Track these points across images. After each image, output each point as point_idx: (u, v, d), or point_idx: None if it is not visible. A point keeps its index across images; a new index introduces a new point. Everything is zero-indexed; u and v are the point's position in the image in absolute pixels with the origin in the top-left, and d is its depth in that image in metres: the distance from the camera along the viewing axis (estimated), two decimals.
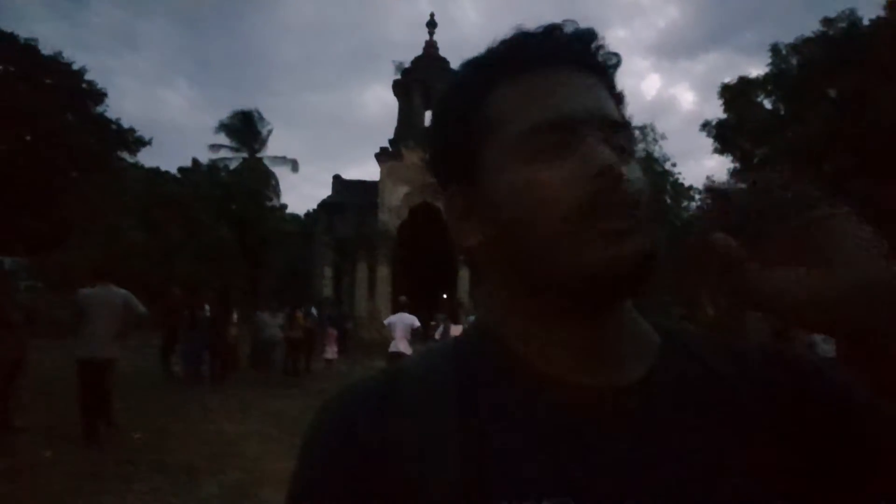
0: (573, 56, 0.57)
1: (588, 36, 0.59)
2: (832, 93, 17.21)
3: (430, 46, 25.50)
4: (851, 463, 0.53)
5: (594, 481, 0.50)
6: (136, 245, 19.62)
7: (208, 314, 12.63)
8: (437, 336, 9.86)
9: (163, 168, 33.38)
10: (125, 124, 24.02)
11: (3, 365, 6.38)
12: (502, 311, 0.60)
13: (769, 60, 19.46)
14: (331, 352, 14.49)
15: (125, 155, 24.64)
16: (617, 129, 0.55)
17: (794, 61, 18.54)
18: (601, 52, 0.59)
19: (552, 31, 0.58)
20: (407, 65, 25.67)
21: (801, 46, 18.52)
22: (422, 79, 24.38)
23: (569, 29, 0.58)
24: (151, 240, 20.91)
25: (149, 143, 24.91)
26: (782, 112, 19.17)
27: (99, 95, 22.15)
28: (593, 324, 0.55)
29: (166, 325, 12.35)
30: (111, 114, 24.19)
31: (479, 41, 0.61)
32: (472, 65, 0.60)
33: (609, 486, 0.50)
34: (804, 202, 0.49)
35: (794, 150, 17.66)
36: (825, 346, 11.06)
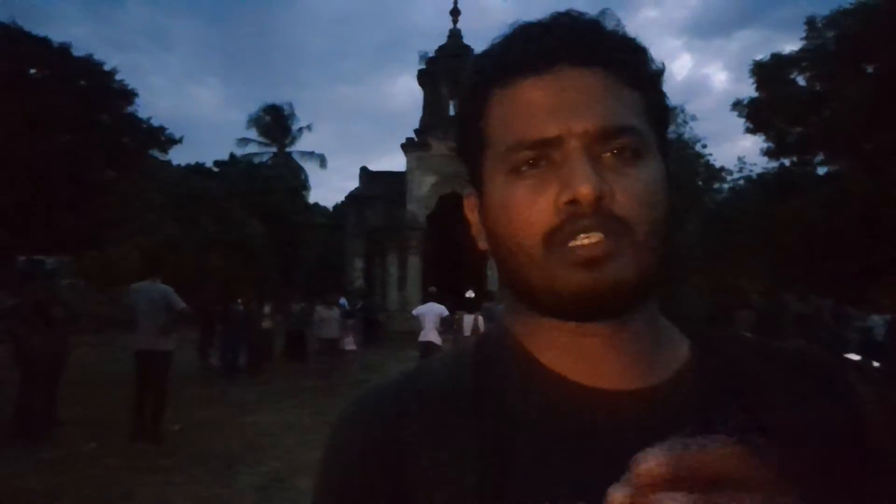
0: (573, 54, 0.53)
1: (590, 29, 0.54)
2: (870, 68, 16.66)
3: (454, 35, 25.35)
4: (871, 486, 0.52)
5: (606, 487, 0.49)
6: (171, 241, 20.01)
7: (242, 307, 12.85)
8: (465, 331, 9.85)
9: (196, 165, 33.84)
10: (157, 123, 24.42)
11: (47, 361, 6.60)
12: (518, 314, 0.59)
13: (804, 35, 18.93)
14: (349, 343, 14.61)
15: (157, 153, 25.06)
16: (614, 136, 0.51)
17: (830, 35, 17.98)
18: (607, 43, 0.54)
19: (551, 27, 0.54)
20: (431, 54, 25.61)
21: (838, 18, 17.93)
22: (446, 68, 24.24)
23: (569, 22, 0.54)
24: (186, 235, 21.30)
25: (179, 141, 25.25)
26: (818, 89, 18.63)
27: (129, 95, 22.52)
28: (602, 331, 0.54)
29: (202, 319, 12.60)
30: (144, 113, 24.65)
31: (504, 25, 0.58)
32: (475, 67, 0.58)
33: None
34: None
35: (831, 129, 17.17)
36: (882, 330, 10.81)
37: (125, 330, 12.87)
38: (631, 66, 0.54)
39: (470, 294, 10.95)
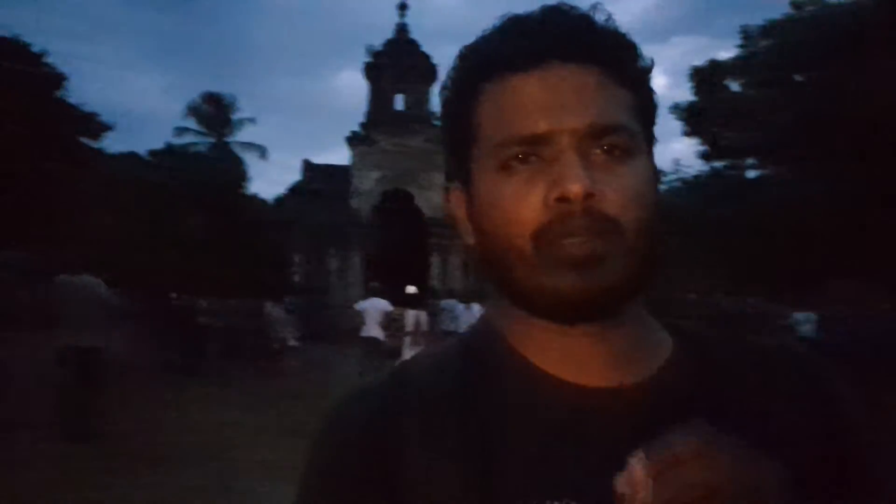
0: (564, 50, 0.52)
1: (581, 25, 0.53)
2: (800, 77, 17.48)
3: (402, 29, 25.24)
4: (850, 481, 0.54)
5: (596, 483, 0.48)
6: (103, 233, 19.19)
7: (177, 303, 12.47)
8: (407, 327, 9.83)
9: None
10: (92, 109, 23.34)
11: None
12: (504, 311, 0.58)
13: (739, 43, 19.68)
14: (290, 339, 14.43)
15: (87, 140, 23.93)
16: (604, 134, 0.51)
17: (763, 44, 18.75)
18: (599, 40, 0.53)
19: (542, 22, 0.53)
20: (378, 47, 25.42)
21: (772, 29, 18.72)
22: (393, 62, 24.13)
23: (560, 18, 0.53)
24: (120, 228, 20.46)
25: (111, 127, 24.21)
26: (751, 95, 19.42)
27: (58, 79, 21.45)
28: (591, 330, 0.53)
29: (136, 314, 12.16)
30: (77, 99, 23.44)
31: (451, 24, 0.55)
32: (464, 60, 0.57)
33: (611, 489, 0.48)
34: None
35: (763, 134, 17.92)
36: (805, 327, 11.41)
37: (51, 326, 12.32)
38: (621, 63, 0.54)
39: (411, 290, 10.90)
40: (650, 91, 0.57)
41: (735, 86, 20.34)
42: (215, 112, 35.44)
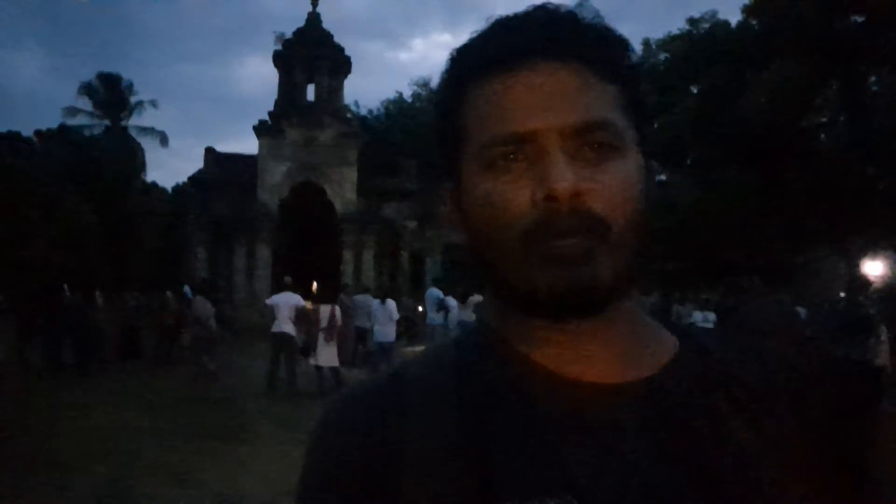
0: (550, 48, 0.52)
1: (566, 22, 0.54)
2: (695, 88, 18.60)
3: (313, 19, 24.64)
4: (852, 483, 0.54)
5: (596, 480, 0.49)
6: None
7: (69, 299, 11.65)
8: (322, 323, 9.63)
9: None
10: None
11: None
12: (500, 309, 0.59)
13: (640, 54, 20.67)
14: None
15: None
16: (590, 131, 0.51)
17: (662, 56, 19.81)
18: (584, 37, 0.54)
19: (528, 21, 0.54)
20: (289, 36, 24.70)
21: (669, 43, 19.81)
22: (304, 52, 23.46)
23: (545, 16, 0.54)
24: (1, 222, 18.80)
25: None
26: (652, 101, 20.50)
27: None
28: (581, 327, 0.54)
29: (21, 312, 11.27)
30: None
31: (364, 16, 0.56)
32: (453, 61, 0.58)
33: (611, 485, 0.49)
34: None
35: (661, 140, 18.91)
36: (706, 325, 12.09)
37: None
38: (608, 59, 0.54)
39: (287, 280, 10.60)
40: (639, 87, 0.57)
41: None
42: (110, 93, 33.34)
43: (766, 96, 14.11)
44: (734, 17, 17.71)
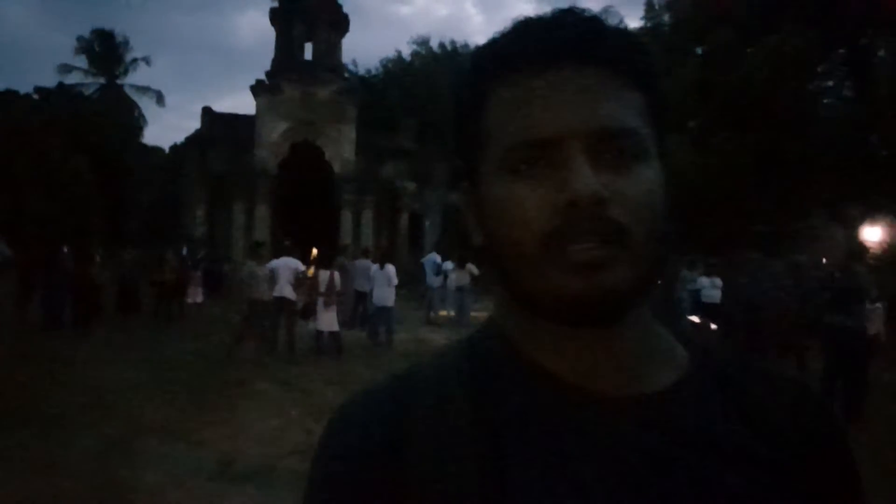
0: (575, 52, 0.52)
1: (591, 27, 0.53)
2: (700, 49, 18.29)
3: None
4: None
5: (605, 491, 0.50)
6: None
7: (67, 256, 11.66)
8: (320, 287, 9.66)
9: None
10: None
11: None
12: (511, 312, 0.59)
13: (643, 15, 20.27)
14: (195, 295, 13.92)
15: None
16: (614, 138, 0.51)
17: (666, 17, 19.43)
18: (609, 42, 0.53)
19: (554, 24, 0.54)
20: None
21: (673, 4, 19.41)
22: (301, 8, 22.99)
23: (571, 20, 0.54)
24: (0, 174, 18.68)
25: None
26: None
27: None
28: (596, 335, 0.54)
29: (19, 268, 11.29)
30: None
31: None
32: (475, 62, 0.57)
33: (619, 496, 0.50)
34: None
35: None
36: (712, 292, 12.14)
37: None
38: (633, 66, 0.54)
39: (287, 243, 10.55)
40: (661, 93, 0.56)
41: None
42: (105, 51, 32.80)
43: (769, 61, 13.93)
44: None
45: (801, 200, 15.08)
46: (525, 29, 0.55)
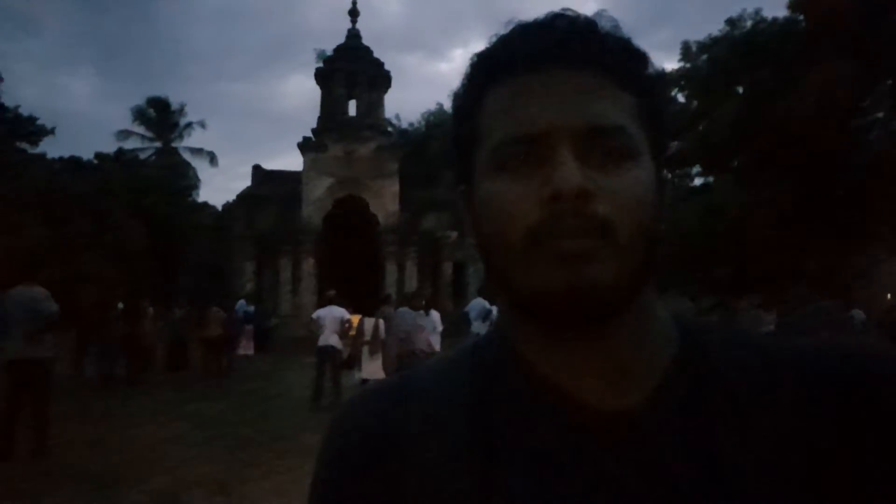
0: (567, 54, 0.52)
1: (586, 30, 0.54)
2: (740, 89, 18.15)
3: (353, 35, 25.05)
4: None
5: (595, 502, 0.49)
6: (39, 242, 18.35)
7: (120, 313, 12.04)
8: (365, 335, 9.71)
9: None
10: (25, 114, 22.41)
11: None
12: (511, 316, 0.58)
13: (680, 57, 20.32)
14: (246, 348, 14.15)
15: (25, 146, 22.96)
16: (602, 136, 0.50)
17: (703, 58, 19.42)
18: (602, 45, 0.53)
19: (548, 27, 0.54)
20: (329, 53, 25.18)
21: (710, 46, 19.42)
22: (345, 68, 23.87)
23: (564, 23, 0.54)
24: (56, 236, 19.60)
25: (51, 131, 23.31)
26: (694, 106, 20.05)
27: None
28: (587, 337, 0.52)
29: (77, 325, 11.69)
30: (8, 101, 22.47)
31: (402, 30, 0.56)
32: (472, 65, 0.58)
33: None
34: None
35: (705, 144, 18.51)
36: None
37: None
38: (625, 68, 0.53)
39: (331, 293, 10.62)
40: (657, 98, 0.56)
41: (680, 97, 20.99)
42: (160, 116, 34.53)
43: (813, 96, 13.74)
44: (780, 12, 17.28)
45: (855, 236, 14.57)
46: (518, 31, 0.55)
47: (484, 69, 0.56)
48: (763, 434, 0.50)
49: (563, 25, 0.54)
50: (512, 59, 0.54)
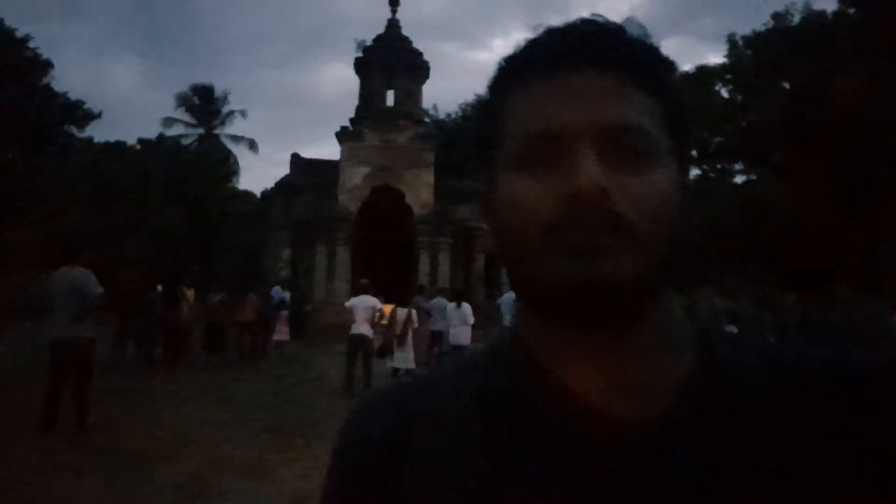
0: (592, 56, 0.52)
1: (613, 35, 0.54)
2: (785, 84, 17.67)
3: (393, 25, 25.07)
4: None
5: None
6: (84, 226, 18.89)
7: (158, 297, 12.32)
8: (397, 325, 9.78)
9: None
10: (73, 98, 22.98)
11: None
12: (528, 317, 0.58)
13: (726, 51, 19.86)
14: (281, 333, 14.33)
15: (73, 129, 23.59)
16: (625, 136, 0.50)
17: (748, 53, 18.94)
18: (628, 50, 0.54)
19: (575, 31, 0.55)
20: (369, 42, 25.26)
21: (755, 40, 18.93)
22: (384, 58, 23.93)
23: (592, 28, 0.55)
24: (100, 220, 20.15)
25: (98, 116, 23.89)
26: (738, 101, 19.60)
27: (44, 66, 21.09)
28: (603, 337, 0.52)
29: (119, 307, 12.01)
30: (57, 87, 23.06)
31: (442, 20, 0.54)
32: (499, 67, 0.59)
33: None
34: None
35: (747, 139, 18.10)
36: None
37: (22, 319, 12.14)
38: (650, 73, 0.54)
39: (364, 282, 10.70)
40: (680, 105, 0.56)
41: (723, 91, 20.53)
42: (204, 104, 35.17)
43: (866, 90, 13.26)
44: (828, 5, 16.77)
45: None
46: (546, 34, 0.56)
47: (509, 70, 0.57)
48: (779, 451, 0.49)
49: (591, 29, 0.55)
50: (537, 60, 0.54)
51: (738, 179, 22.21)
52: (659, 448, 0.50)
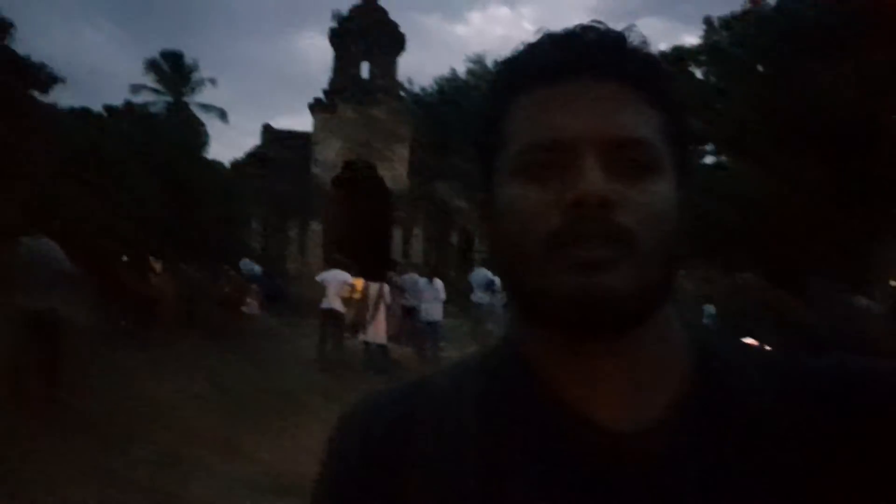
0: (596, 66, 0.53)
1: (614, 43, 0.55)
2: (761, 68, 17.77)
3: None
4: None
5: None
6: (42, 192, 18.37)
7: (124, 266, 12.16)
8: (370, 301, 9.81)
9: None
10: (36, 61, 22.17)
11: None
12: (523, 327, 0.58)
13: (702, 32, 19.89)
14: (252, 307, 14.27)
15: (35, 93, 22.80)
16: (628, 148, 0.51)
17: (725, 34, 19.00)
18: (630, 59, 0.54)
19: (577, 38, 0.55)
20: (344, 13, 24.82)
21: (732, 22, 18.97)
22: (360, 29, 23.57)
23: (593, 35, 0.55)
24: (70, 188, 19.60)
25: (62, 80, 23.10)
26: (713, 83, 19.69)
27: (5, 26, 20.30)
28: (601, 349, 0.52)
29: (90, 279, 11.80)
30: (22, 49, 22.20)
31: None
32: (498, 73, 0.59)
33: None
34: None
35: (721, 122, 18.23)
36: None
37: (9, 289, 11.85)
38: (652, 83, 0.54)
39: (336, 256, 10.72)
40: (681, 116, 0.57)
41: (698, 73, 20.60)
42: (174, 70, 34.27)
43: (858, 77, 13.31)
44: None
45: (886, 224, 14.28)
46: (547, 41, 0.56)
47: (511, 77, 0.57)
48: (777, 457, 0.50)
49: (592, 37, 0.55)
50: (540, 68, 0.54)
51: (709, 160, 22.43)
52: (657, 453, 0.50)
